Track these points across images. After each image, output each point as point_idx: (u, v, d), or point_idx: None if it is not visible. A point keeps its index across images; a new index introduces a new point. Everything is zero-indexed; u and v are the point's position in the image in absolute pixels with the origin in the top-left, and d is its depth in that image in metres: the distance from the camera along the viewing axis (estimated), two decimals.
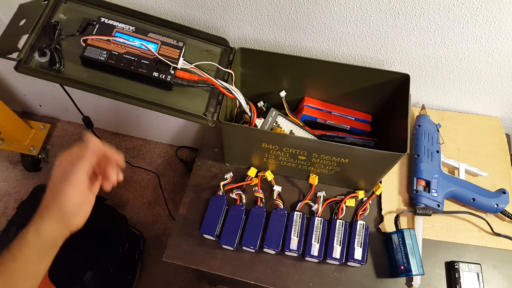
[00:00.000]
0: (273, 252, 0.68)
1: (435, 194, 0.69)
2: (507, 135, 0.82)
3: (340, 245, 0.66)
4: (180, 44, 0.58)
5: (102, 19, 0.56)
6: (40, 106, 1.41)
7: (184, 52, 0.58)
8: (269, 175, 0.73)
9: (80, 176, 0.44)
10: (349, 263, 0.66)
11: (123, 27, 0.57)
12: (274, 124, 0.70)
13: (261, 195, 0.71)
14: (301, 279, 0.66)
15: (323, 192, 0.73)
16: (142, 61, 0.55)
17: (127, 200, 1.34)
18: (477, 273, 0.65)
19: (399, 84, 0.67)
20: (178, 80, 0.57)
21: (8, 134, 1.24)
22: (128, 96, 0.55)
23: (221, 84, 0.59)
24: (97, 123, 1.42)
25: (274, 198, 0.71)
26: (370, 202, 0.73)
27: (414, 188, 0.71)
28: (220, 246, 0.68)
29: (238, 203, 0.71)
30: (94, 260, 0.96)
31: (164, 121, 1.26)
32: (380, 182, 0.72)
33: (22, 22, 0.54)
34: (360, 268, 0.67)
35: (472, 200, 0.70)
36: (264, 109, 0.76)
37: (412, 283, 0.65)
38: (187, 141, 1.39)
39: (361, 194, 0.73)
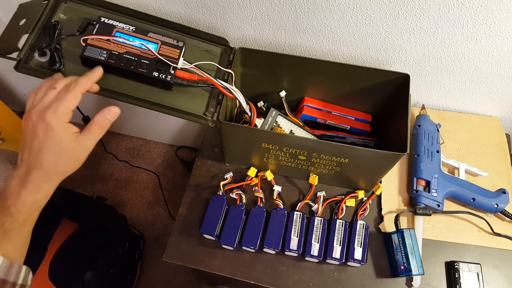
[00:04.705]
0: (273, 252, 0.68)
1: (435, 194, 0.69)
2: (507, 135, 0.82)
3: (340, 245, 0.66)
4: (180, 44, 0.58)
5: (102, 19, 0.56)
6: None
7: (184, 52, 0.58)
8: (269, 175, 0.73)
9: (57, 126, 0.42)
10: (349, 263, 0.66)
11: (123, 27, 0.57)
12: (274, 124, 0.70)
13: (261, 195, 0.71)
14: (301, 279, 0.66)
15: (323, 192, 0.73)
16: (142, 61, 0.55)
17: (127, 200, 1.34)
18: (477, 273, 0.65)
19: (399, 84, 0.67)
20: (178, 80, 0.57)
21: (8, 134, 1.24)
22: (128, 96, 0.54)
23: (221, 84, 0.59)
24: None
25: (274, 198, 0.71)
26: (370, 202, 0.73)
27: (414, 188, 0.71)
28: (220, 246, 0.68)
29: (238, 203, 0.71)
30: (94, 260, 0.96)
31: (164, 121, 1.26)
32: (380, 182, 0.72)
33: (22, 22, 0.54)
34: (360, 268, 0.67)
35: (472, 200, 0.70)
36: (264, 109, 0.76)
37: (412, 283, 0.65)
38: (187, 141, 1.39)
39: (361, 194, 0.73)
